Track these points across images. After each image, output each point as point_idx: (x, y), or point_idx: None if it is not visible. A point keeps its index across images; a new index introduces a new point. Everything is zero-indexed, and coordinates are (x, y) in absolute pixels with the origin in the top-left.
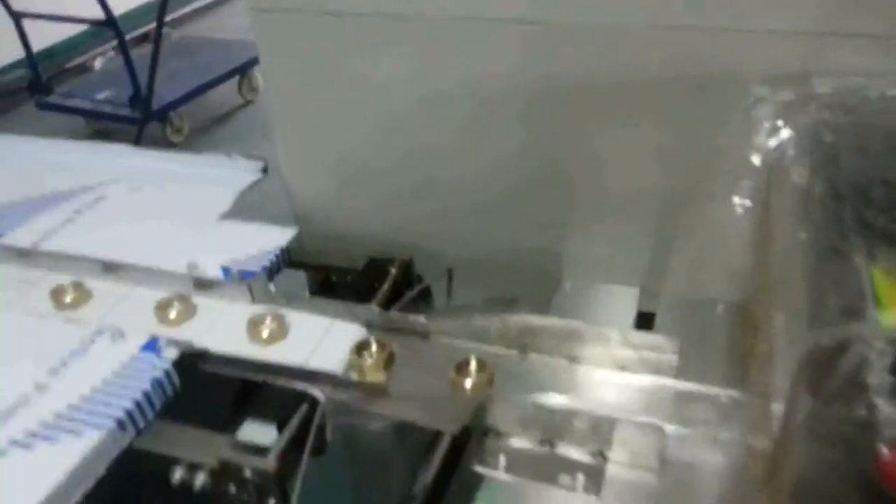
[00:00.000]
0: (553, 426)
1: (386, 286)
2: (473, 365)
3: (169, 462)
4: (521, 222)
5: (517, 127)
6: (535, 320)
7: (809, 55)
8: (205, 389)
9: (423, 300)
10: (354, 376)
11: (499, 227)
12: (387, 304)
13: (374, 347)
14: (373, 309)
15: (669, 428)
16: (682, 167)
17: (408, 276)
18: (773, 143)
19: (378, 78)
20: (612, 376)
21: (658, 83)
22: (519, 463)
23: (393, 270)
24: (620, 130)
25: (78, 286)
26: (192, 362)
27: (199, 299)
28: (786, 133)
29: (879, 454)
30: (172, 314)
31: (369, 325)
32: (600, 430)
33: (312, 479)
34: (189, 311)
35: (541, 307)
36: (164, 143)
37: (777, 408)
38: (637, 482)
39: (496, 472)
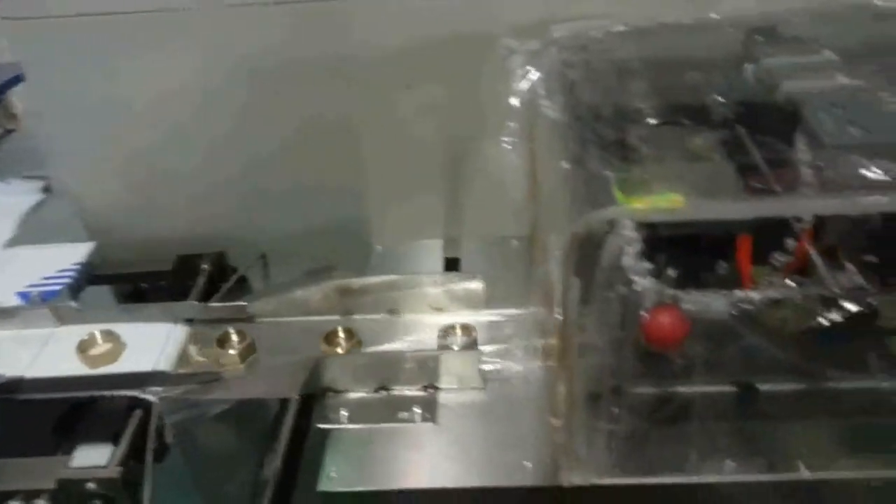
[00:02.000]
0: (385, 373)
1: (200, 282)
2: (342, 334)
3: (3, 499)
4: (325, 195)
5: (302, 104)
6: (354, 282)
7: (550, 7)
8: (30, 420)
9: (241, 289)
10: (189, 370)
11: (304, 204)
12: (204, 299)
13: (234, 338)
14: (192, 304)
15: (487, 349)
16: (460, 120)
17: (221, 268)
18: (525, 86)
19: (155, 76)
20: (431, 318)
21: (427, 48)
22: (360, 412)
23: (204, 265)
24: (401, 95)
25: None
26: (9, 394)
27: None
28: (535, 76)
29: (642, 320)
30: None
31: (191, 321)
32: (427, 367)
33: (165, 481)
34: None
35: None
36: None
37: (556, 299)
38: (466, 402)
39: (340, 426)
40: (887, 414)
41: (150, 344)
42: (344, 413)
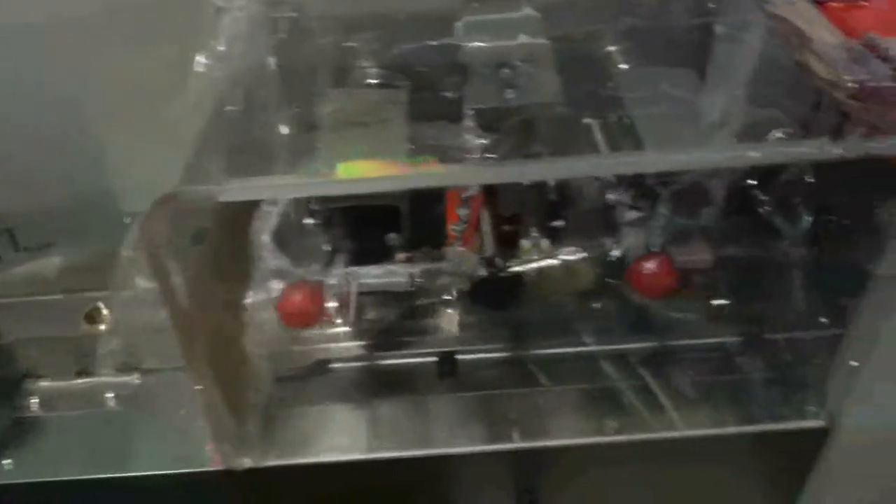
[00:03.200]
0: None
1: None
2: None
3: None
4: (67, 169)
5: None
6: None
7: None
8: None
9: None
10: None
11: (50, 177)
12: None
13: None
14: None
15: None
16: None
17: None
18: (226, 44)
19: None
20: None
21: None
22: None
23: None
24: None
25: None
26: None
27: None
28: (239, 33)
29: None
30: None
31: None
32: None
33: None
34: None
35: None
36: None
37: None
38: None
39: (37, 413)
40: (593, 379)
41: None
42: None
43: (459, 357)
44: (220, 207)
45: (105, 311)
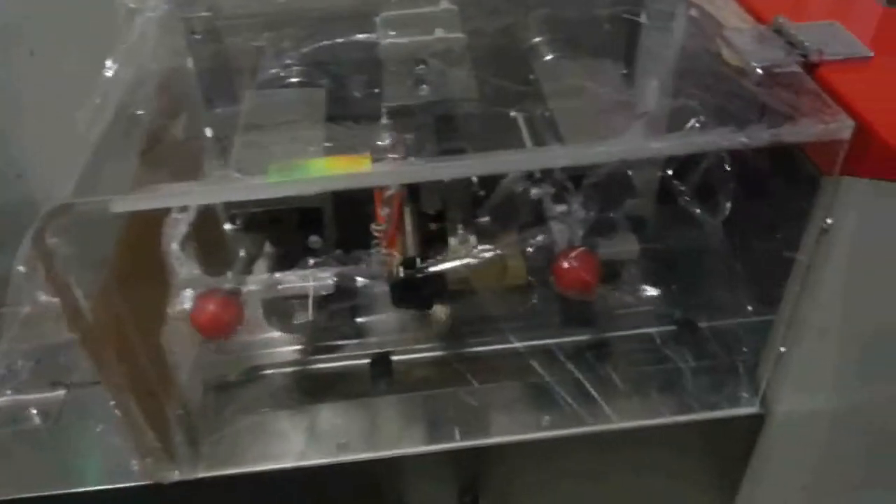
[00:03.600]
0: None
1: None
2: None
3: None
4: None
5: None
6: None
7: None
8: None
9: None
10: None
11: None
12: None
13: None
14: None
15: None
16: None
17: None
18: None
19: None
20: None
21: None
22: None
23: None
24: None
25: None
26: None
27: None
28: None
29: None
30: None
31: None
32: None
33: None
34: None
35: None
36: None
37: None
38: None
39: None
40: (526, 375)
41: None
42: None
43: (394, 358)
44: (127, 215)
45: None
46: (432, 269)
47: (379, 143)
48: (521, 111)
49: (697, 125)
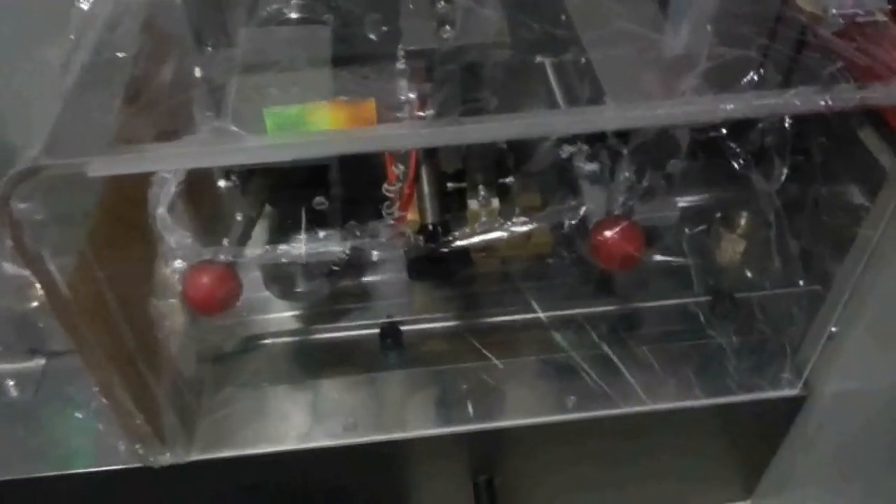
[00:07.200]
0: None
1: None
2: None
3: None
4: None
5: None
6: None
7: None
8: None
9: None
10: None
11: None
12: None
13: None
14: None
15: None
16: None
17: None
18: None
19: None
20: None
21: None
22: None
23: None
24: None
25: None
26: None
27: None
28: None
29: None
30: None
31: None
32: None
33: None
34: None
35: None
36: None
37: None
38: None
39: None
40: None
41: None
42: None
43: (404, 328)
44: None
45: None
46: (458, 242)
47: (395, 90)
48: (550, 57)
49: (756, 79)
